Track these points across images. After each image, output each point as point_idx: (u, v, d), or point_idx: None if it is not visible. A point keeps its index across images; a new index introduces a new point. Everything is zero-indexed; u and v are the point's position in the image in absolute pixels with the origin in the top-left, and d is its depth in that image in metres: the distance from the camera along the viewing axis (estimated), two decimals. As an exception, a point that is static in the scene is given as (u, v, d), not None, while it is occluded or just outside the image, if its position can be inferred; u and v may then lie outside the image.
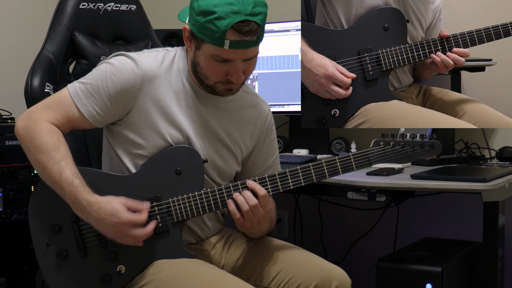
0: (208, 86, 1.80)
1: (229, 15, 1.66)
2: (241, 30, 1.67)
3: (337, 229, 3.11)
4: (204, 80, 1.79)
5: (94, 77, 1.79)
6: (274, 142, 2.02)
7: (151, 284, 1.72)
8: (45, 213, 1.78)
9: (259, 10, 1.69)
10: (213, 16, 1.67)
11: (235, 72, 1.74)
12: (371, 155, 1.78)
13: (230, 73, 1.75)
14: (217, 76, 1.76)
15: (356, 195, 2.21)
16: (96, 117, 1.78)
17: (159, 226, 1.76)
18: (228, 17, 1.66)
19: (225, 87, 1.79)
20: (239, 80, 1.76)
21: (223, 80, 1.77)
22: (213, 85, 1.79)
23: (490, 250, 2.20)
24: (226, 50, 1.69)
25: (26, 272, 2.65)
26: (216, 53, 1.71)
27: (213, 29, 1.67)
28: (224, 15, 1.66)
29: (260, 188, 1.74)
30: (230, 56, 1.71)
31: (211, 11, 1.67)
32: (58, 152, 1.71)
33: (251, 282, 1.81)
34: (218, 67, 1.74)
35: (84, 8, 2.16)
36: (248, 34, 1.68)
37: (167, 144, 1.80)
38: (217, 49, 1.70)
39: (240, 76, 1.75)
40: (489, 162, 2.58)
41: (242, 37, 1.68)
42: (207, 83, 1.79)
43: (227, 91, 1.80)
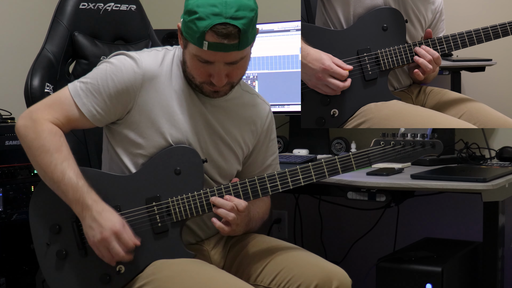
0: (196, 86, 1.80)
1: (209, 16, 1.66)
2: (219, 33, 1.66)
3: (337, 229, 3.11)
4: (191, 79, 1.79)
5: (95, 77, 1.79)
6: (274, 142, 2.02)
7: (150, 284, 1.72)
8: (46, 213, 1.78)
9: (243, 14, 1.68)
10: (194, 16, 1.67)
11: (216, 74, 1.74)
12: (371, 155, 1.78)
13: (212, 74, 1.75)
14: (201, 76, 1.76)
15: (356, 195, 2.21)
16: (96, 116, 1.78)
17: (159, 226, 1.76)
18: (208, 19, 1.66)
19: (211, 88, 1.78)
20: (220, 83, 1.75)
21: (207, 81, 1.77)
22: (199, 85, 1.79)
23: (490, 250, 2.20)
24: (206, 51, 1.69)
25: (26, 272, 2.65)
26: (198, 53, 1.71)
27: (193, 29, 1.68)
28: (205, 16, 1.66)
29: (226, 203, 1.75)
30: (210, 57, 1.71)
31: (194, 11, 1.67)
32: (60, 153, 1.71)
33: (251, 282, 1.81)
34: (201, 67, 1.74)
35: (84, 8, 2.16)
36: (226, 37, 1.67)
37: (167, 144, 1.80)
38: (198, 50, 1.70)
39: (221, 79, 1.74)
40: (489, 162, 2.57)
41: (221, 40, 1.67)
42: (194, 82, 1.79)
43: (214, 92, 1.80)
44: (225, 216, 1.74)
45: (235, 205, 1.74)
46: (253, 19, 1.70)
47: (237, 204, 1.74)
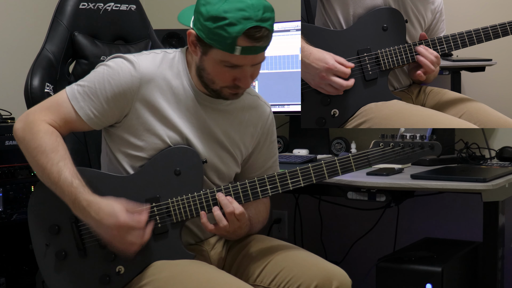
0: (213, 91, 1.79)
1: (240, 21, 1.65)
2: (253, 36, 1.67)
3: (337, 229, 3.11)
4: (210, 85, 1.78)
5: (92, 80, 1.78)
6: (274, 144, 2.01)
7: (150, 285, 1.71)
8: (45, 214, 1.78)
9: (269, 16, 1.69)
10: (224, 22, 1.66)
11: (243, 77, 1.74)
12: (371, 156, 1.78)
13: (238, 78, 1.75)
14: (225, 81, 1.76)
15: (356, 195, 2.21)
16: (93, 119, 1.77)
17: (158, 226, 1.76)
18: (240, 23, 1.65)
19: (232, 91, 1.78)
20: (247, 85, 1.76)
21: (230, 85, 1.77)
22: (219, 89, 1.78)
23: (490, 250, 2.20)
24: (237, 56, 1.69)
25: (26, 272, 2.65)
26: (226, 59, 1.70)
27: (223, 35, 1.66)
28: (236, 21, 1.65)
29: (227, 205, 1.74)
30: (240, 62, 1.71)
31: (222, 17, 1.66)
32: (57, 153, 1.71)
33: (251, 282, 1.81)
34: (226, 72, 1.74)
35: (84, 8, 2.16)
36: (259, 40, 1.68)
37: (166, 146, 1.80)
38: (227, 55, 1.69)
39: (248, 81, 1.75)
40: (489, 162, 2.57)
41: (254, 43, 1.68)
42: (213, 87, 1.78)
43: (233, 95, 1.80)
44: (218, 220, 1.74)
45: (234, 209, 1.73)
46: (274, 20, 1.73)
47: (235, 208, 1.74)
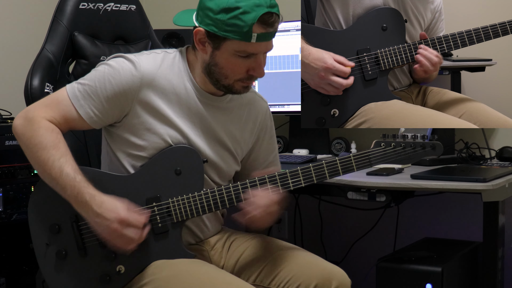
0: (224, 86, 1.80)
1: (253, 8, 1.68)
2: (267, 22, 1.71)
3: (337, 229, 3.11)
4: (223, 80, 1.79)
5: (93, 79, 1.78)
6: (273, 138, 2.02)
7: (150, 284, 1.72)
8: (45, 213, 1.78)
9: (274, 2, 1.74)
10: (238, 12, 1.69)
11: (258, 66, 1.76)
12: (372, 156, 1.78)
13: (252, 67, 1.76)
14: (239, 73, 1.77)
15: (356, 195, 2.21)
16: (93, 118, 1.77)
17: (159, 226, 1.76)
18: (253, 11, 1.68)
19: (244, 84, 1.80)
20: (261, 73, 1.78)
21: (244, 77, 1.78)
22: (232, 83, 1.79)
23: (490, 250, 2.20)
24: (252, 44, 1.71)
25: (26, 272, 2.65)
26: (242, 48, 1.72)
27: (239, 24, 1.69)
28: (249, 9, 1.68)
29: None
30: (256, 49, 1.73)
31: (235, 6, 1.69)
32: (58, 149, 1.71)
33: (250, 282, 1.82)
34: (241, 63, 1.75)
35: (84, 8, 2.16)
36: (272, 26, 1.72)
37: (167, 145, 1.80)
38: (243, 44, 1.71)
39: (262, 69, 1.78)
40: (489, 162, 2.57)
41: (267, 29, 1.72)
42: (225, 82, 1.79)
43: (244, 88, 1.82)
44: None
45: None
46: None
47: None
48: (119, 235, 1.68)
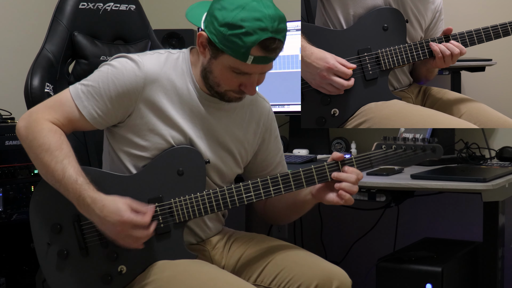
0: (217, 93, 1.80)
1: (256, 31, 1.66)
2: (268, 48, 1.68)
3: (337, 229, 3.11)
4: (215, 87, 1.79)
5: (96, 79, 1.78)
6: (278, 139, 2.03)
7: (152, 284, 1.71)
8: (47, 213, 1.78)
9: (283, 27, 1.70)
10: (240, 31, 1.66)
11: (250, 84, 1.76)
12: (373, 158, 1.79)
13: (245, 84, 1.76)
14: (231, 86, 1.77)
15: (356, 195, 2.20)
16: (97, 119, 1.77)
17: (161, 226, 1.76)
18: (256, 34, 1.66)
19: (236, 95, 1.80)
20: (252, 92, 1.77)
21: (236, 89, 1.77)
22: (224, 92, 1.79)
23: (490, 250, 2.20)
24: (248, 65, 1.70)
25: (26, 272, 2.65)
26: (236, 66, 1.71)
27: (238, 43, 1.67)
28: (252, 31, 1.66)
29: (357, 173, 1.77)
30: (250, 70, 1.72)
31: (239, 25, 1.66)
32: (61, 151, 1.71)
33: (251, 282, 1.82)
34: (234, 78, 1.75)
35: (84, 8, 2.16)
36: (272, 52, 1.70)
37: (170, 146, 1.80)
38: (238, 63, 1.70)
39: (254, 89, 1.77)
40: (489, 162, 2.58)
41: (267, 54, 1.69)
42: (218, 90, 1.79)
43: (237, 98, 1.81)
44: (349, 190, 1.75)
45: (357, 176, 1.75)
46: (287, 30, 1.74)
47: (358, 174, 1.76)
48: (125, 236, 1.68)
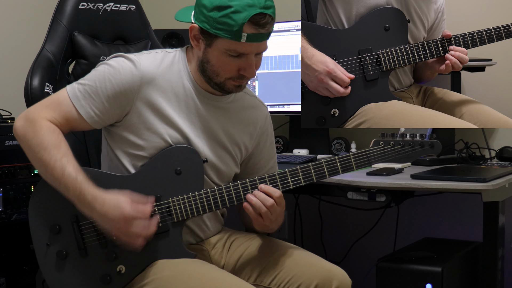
0: (216, 84, 1.80)
1: (245, 8, 1.68)
2: (258, 23, 1.69)
3: (337, 229, 3.11)
4: (214, 77, 1.79)
5: (93, 78, 1.78)
6: (273, 145, 2.03)
7: (151, 284, 1.72)
8: (45, 213, 1.78)
9: (270, 4, 1.73)
10: (229, 10, 1.68)
11: (249, 66, 1.76)
12: (371, 155, 1.78)
13: (243, 67, 1.76)
14: (230, 72, 1.77)
15: (356, 195, 2.21)
16: (94, 118, 1.77)
17: (159, 226, 1.76)
18: (245, 10, 1.68)
19: (236, 83, 1.79)
20: (252, 74, 1.77)
21: (235, 75, 1.77)
22: (223, 81, 1.79)
23: (490, 250, 2.20)
24: (243, 44, 1.71)
25: (26, 272, 2.65)
26: (232, 47, 1.72)
27: (230, 23, 1.69)
28: (241, 9, 1.68)
29: (273, 190, 1.74)
30: (246, 49, 1.72)
31: (227, 5, 1.68)
32: (59, 149, 1.71)
33: (251, 282, 1.82)
34: (231, 62, 1.75)
35: (84, 8, 2.16)
36: (264, 27, 1.71)
37: (167, 145, 1.80)
38: (233, 43, 1.71)
39: (253, 70, 1.77)
40: (489, 162, 2.57)
41: (259, 30, 1.70)
42: (217, 80, 1.79)
43: (237, 87, 1.81)
44: (258, 208, 1.73)
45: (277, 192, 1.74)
46: (275, 8, 1.75)
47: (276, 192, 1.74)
48: (126, 232, 1.69)
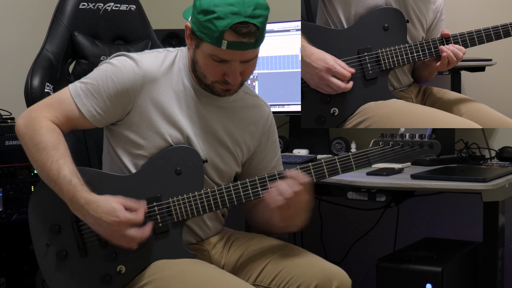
0: (206, 86, 1.80)
1: (228, 15, 1.66)
2: (239, 32, 1.67)
3: (337, 229, 3.11)
4: (202, 79, 1.79)
5: (95, 77, 1.79)
6: (276, 143, 2.02)
7: (151, 284, 1.72)
8: (45, 213, 1.78)
9: (260, 13, 1.69)
10: (212, 16, 1.67)
11: (232, 73, 1.75)
12: (371, 155, 1.78)
13: (227, 73, 1.75)
14: (214, 75, 1.77)
15: (356, 195, 2.21)
16: (96, 117, 1.78)
17: (159, 226, 1.76)
18: (227, 18, 1.66)
19: (223, 87, 1.79)
20: (235, 81, 1.76)
21: (220, 80, 1.77)
22: (211, 84, 1.79)
23: (490, 250, 2.20)
24: (224, 51, 1.70)
25: (26, 272, 2.65)
26: (214, 52, 1.71)
27: (211, 29, 1.68)
28: (224, 15, 1.66)
29: (303, 175, 1.71)
30: (228, 56, 1.71)
31: (211, 10, 1.67)
32: (57, 150, 1.71)
33: (251, 282, 1.81)
34: (215, 66, 1.74)
35: (84, 8, 2.16)
36: (246, 36, 1.68)
37: (167, 145, 1.81)
38: (215, 49, 1.70)
39: (236, 77, 1.75)
40: (489, 162, 2.57)
41: (240, 39, 1.68)
42: (205, 82, 1.79)
43: (225, 91, 1.81)
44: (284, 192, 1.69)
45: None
46: (267, 18, 1.73)
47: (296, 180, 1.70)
48: (120, 236, 1.69)
